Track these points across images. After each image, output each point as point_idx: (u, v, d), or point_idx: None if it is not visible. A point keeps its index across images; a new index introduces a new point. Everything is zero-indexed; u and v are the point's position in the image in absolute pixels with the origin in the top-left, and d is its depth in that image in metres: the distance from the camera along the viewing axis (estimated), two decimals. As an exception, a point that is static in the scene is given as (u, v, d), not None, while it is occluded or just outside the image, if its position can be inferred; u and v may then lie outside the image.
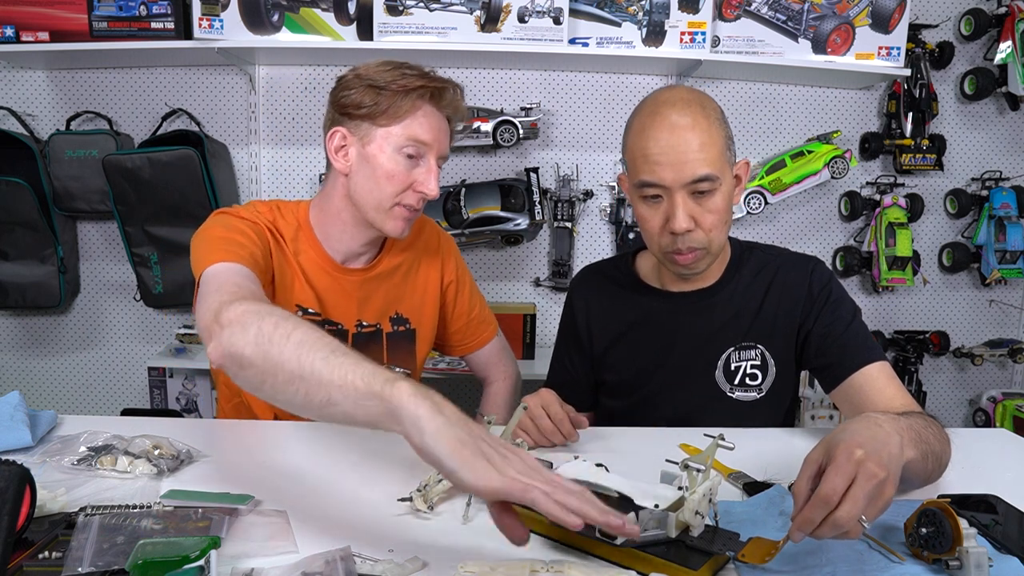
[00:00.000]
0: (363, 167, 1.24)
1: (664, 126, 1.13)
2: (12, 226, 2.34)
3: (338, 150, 1.26)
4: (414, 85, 1.21)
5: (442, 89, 1.25)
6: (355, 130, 1.24)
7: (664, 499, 0.77)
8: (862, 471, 0.71)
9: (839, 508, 0.70)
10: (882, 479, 0.71)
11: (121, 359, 2.62)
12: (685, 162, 1.11)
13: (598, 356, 1.36)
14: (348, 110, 1.24)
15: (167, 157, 2.22)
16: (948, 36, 2.56)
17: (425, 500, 0.88)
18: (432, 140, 1.24)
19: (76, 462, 0.97)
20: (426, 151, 1.24)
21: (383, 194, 1.24)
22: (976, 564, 0.72)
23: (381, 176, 1.23)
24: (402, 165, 1.23)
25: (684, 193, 1.13)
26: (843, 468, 0.71)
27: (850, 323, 1.21)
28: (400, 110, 1.21)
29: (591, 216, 2.58)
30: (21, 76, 2.45)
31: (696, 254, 1.17)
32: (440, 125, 1.26)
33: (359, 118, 1.23)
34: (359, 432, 1.22)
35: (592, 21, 2.26)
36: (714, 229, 1.16)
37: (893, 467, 0.74)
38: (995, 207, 2.52)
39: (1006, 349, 2.63)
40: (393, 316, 1.39)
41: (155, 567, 0.68)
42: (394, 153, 1.22)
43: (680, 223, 1.13)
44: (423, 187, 1.24)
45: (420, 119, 1.23)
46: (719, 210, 1.15)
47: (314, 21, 2.21)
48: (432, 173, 1.25)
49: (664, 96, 1.17)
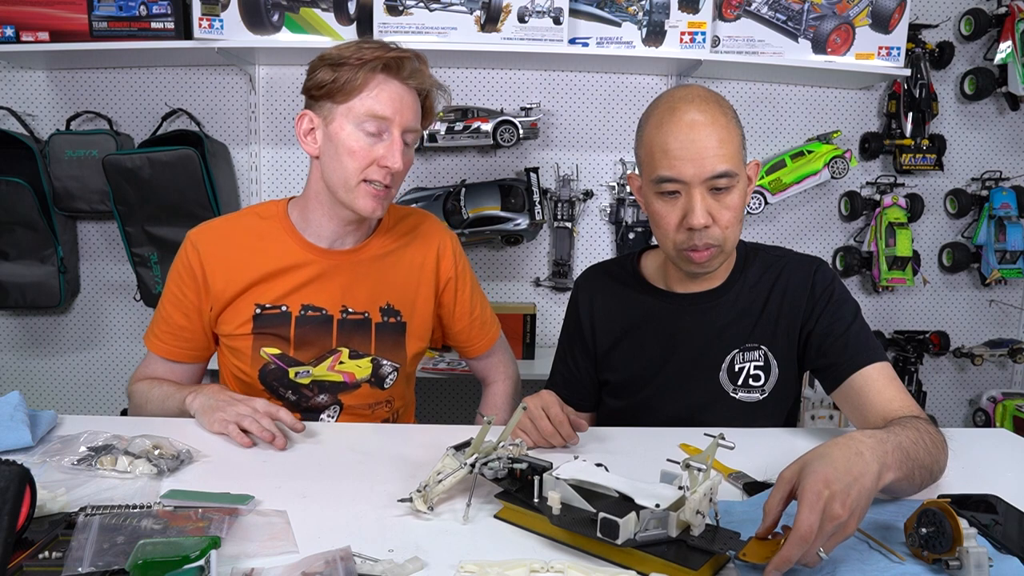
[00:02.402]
0: (328, 147, 1.25)
1: (684, 122, 1.13)
2: (12, 226, 2.34)
3: (307, 134, 1.28)
4: (369, 56, 1.21)
5: (400, 59, 1.23)
6: (319, 111, 1.25)
7: (665, 499, 0.77)
8: (827, 512, 0.73)
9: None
10: (843, 521, 0.73)
11: (121, 359, 2.62)
12: (705, 158, 1.12)
13: (601, 355, 1.36)
14: (312, 91, 1.25)
15: (167, 157, 2.22)
16: (948, 36, 2.56)
17: (425, 500, 0.88)
18: (392, 112, 1.22)
19: (76, 462, 0.97)
20: (388, 125, 1.23)
21: (347, 171, 1.24)
22: (976, 564, 0.72)
23: (344, 153, 1.23)
24: (363, 141, 1.23)
25: (703, 189, 1.14)
26: (815, 506, 0.73)
27: (851, 324, 1.21)
28: (356, 84, 1.21)
29: (591, 216, 2.58)
30: (21, 76, 2.45)
31: (712, 251, 1.18)
32: (402, 97, 1.24)
33: (321, 98, 1.24)
34: (359, 432, 1.24)
35: (592, 21, 2.26)
36: (730, 226, 1.16)
37: (861, 505, 0.76)
38: (995, 207, 2.52)
39: (1006, 349, 2.63)
40: (383, 306, 1.37)
41: (155, 567, 0.68)
42: (354, 129, 1.22)
43: (699, 218, 1.13)
44: (386, 161, 1.23)
45: (376, 92, 1.22)
46: (735, 207, 1.16)
47: (314, 21, 2.21)
48: (396, 146, 1.23)
49: (681, 93, 1.17)
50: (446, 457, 0.92)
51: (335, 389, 1.36)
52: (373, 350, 1.36)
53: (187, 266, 1.33)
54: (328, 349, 1.34)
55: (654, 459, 0.92)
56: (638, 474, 0.85)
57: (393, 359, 1.38)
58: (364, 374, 1.36)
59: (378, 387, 1.38)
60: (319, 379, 1.34)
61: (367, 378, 1.37)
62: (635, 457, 1.07)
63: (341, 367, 1.34)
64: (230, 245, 1.33)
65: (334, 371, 1.34)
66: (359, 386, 1.37)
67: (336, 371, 1.35)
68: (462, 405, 2.65)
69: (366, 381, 1.37)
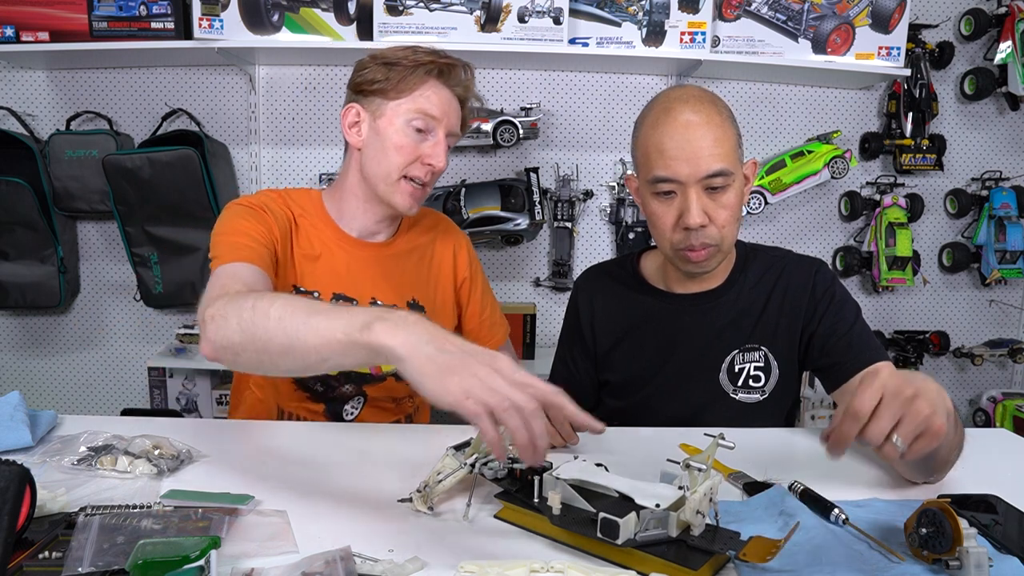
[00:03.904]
0: (374, 140, 1.28)
1: (678, 122, 1.14)
2: (12, 226, 2.34)
3: (352, 126, 1.31)
4: (424, 60, 1.26)
5: (451, 66, 1.29)
6: (368, 105, 1.29)
7: (665, 499, 0.77)
8: (897, 391, 0.75)
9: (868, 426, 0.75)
10: (917, 407, 0.74)
11: (121, 359, 2.62)
12: (700, 157, 1.12)
13: (601, 355, 1.36)
14: (362, 87, 1.29)
15: (167, 157, 2.22)
16: (948, 36, 2.56)
17: (425, 500, 0.88)
18: (441, 114, 1.27)
19: (76, 462, 0.97)
20: (435, 125, 1.27)
21: (391, 165, 1.27)
22: (976, 564, 0.72)
23: (390, 147, 1.26)
24: (411, 137, 1.26)
25: (698, 188, 1.14)
26: (876, 388, 0.74)
27: (853, 324, 1.21)
28: (409, 84, 1.25)
29: (591, 216, 2.58)
30: (21, 76, 2.45)
31: (709, 251, 1.18)
32: (449, 101, 1.29)
33: (372, 94, 1.28)
34: (359, 432, 1.23)
35: (592, 21, 2.26)
36: (727, 225, 1.17)
37: (936, 400, 0.77)
38: (995, 207, 2.52)
39: (1006, 349, 2.63)
40: (410, 301, 1.39)
41: (155, 567, 0.68)
42: (404, 125, 1.26)
43: (695, 217, 1.13)
44: (431, 159, 1.27)
45: (428, 93, 1.27)
46: (732, 206, 1.16)
47: (314, 21, 2.21)
48: (440, 146, 1.28)
49: (676, 94, 1.17)
50: (446, 457, 0.92)
51: (360, 380, 1.36)
52: None
53: (281, 207, 1.29)
54: None
55: (654, 459, 0.92)
56: (638, 474, 0.85)
57: None
58: (390, 367, 1.35)
59: (403, 381, 1.37)
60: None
61: (392, 371, 1.35)
62: (635, 457, 1.07)
63: None
64: (294, 214, 1.32)
65: None
66: (384, 379, 1.37)
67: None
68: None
69: (391, 374, 1.37)
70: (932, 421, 0.75)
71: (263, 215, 1.26)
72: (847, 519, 0.84)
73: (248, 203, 1.28)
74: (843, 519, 0.84)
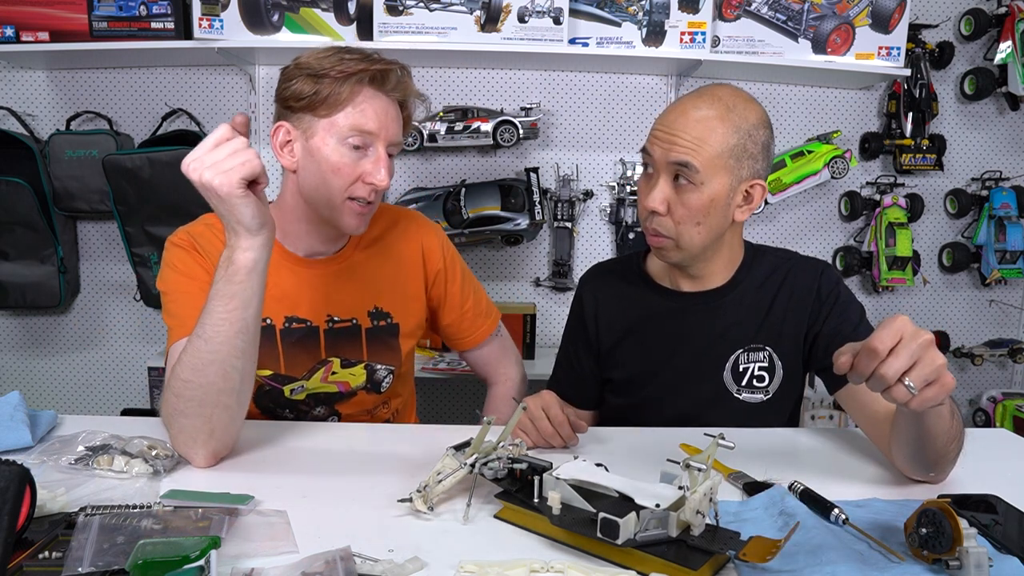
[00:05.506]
0: (309, 162, 1.18)
1: (679, 108, 1.16)
2: (12, 226, 2.34)
3: (283, 146, 1.20)
4: (353, 70, 1.15)
5: (385, 71, 1.18)
6: (298, 123, 1.18)
7: (665, 498, 0.77)
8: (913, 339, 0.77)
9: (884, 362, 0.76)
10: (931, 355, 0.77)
11: (121, 359, 2.62)
12: (674, 143, 1.14)
13: (605, 353, 1.36)
14: (289, 102, 1.18)
15: (167, 157, 2.22)
16: (948, 36, 2.56)
17: (425, 500, 0.88)
18: (378, 127, 1.17)
19: (74, 462, 0.97)
20: (372, 140, 1.17)
21: (331, 189, 1.18)
22: (976, 564, 0.72)
23: (327, 170, 1.17)
24: (348, 157, 1.16)
25: (667, 175, 1.16)
26: (894, 331, 0.77)
27: (857, 325, 1.22)
28: (340, 97, 1.14)
29: (591, 216, 2.58)
30: (21, 76, 2.45)
31: (663, 241, 1.19)
32: (387, 110, 1.18)
33: (300, 110, 1.17)
34: (359, 432, 1.24)
35: (592, 21, 2.26)
36: (683, 223, 1.17)
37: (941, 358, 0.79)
38: (995, 207, 2.52)
39: (1006, 349, 2.63)
40: (372, 310, 1.33)
41: (155, 567, 0.68)
42: (338, 145, 1.16)
43: (651, 200, 1.16)
44: (372, 178, 1.17)
45: (362, 106, 1.16)
46: (693, 207, 1.15)
47: (314, 21, 2.21)
48: (381, 162, 1.18)
49: (708, 87, 1.19)
50: (446, 457, 0.92)
51: (331, 400, 1.33)
52: (365, 356, 1.33)
53: (216, 241, 1.21)
54: (318, 360, 1.30)
55: (654, 459, 0.92)
56: (638, 474, 0.85)
57: (388, 362, 1.35)
58: (359, 381, 1.33)
59: (375, 392, 1.36)
60: (313, 391, 1.31)
61: (362, 385, 1.34)
62: (635, 457, 1.07)
63: (334, 377, 1.31)
64: (215, 252, 1.22)
65: (327, 382, 1.31)
66: (355, 394, 1.34)
67: (330, 382, 1.31)
68: (462, 405, 2.65)
69: (362, 388, 1.34)
70: (945, 372, 0.76)
71: (199, 260, 1.20)
72: (847, 519, 0.84)
73: (184, 243, 1.22)
74: (843, 519, 0.84)
